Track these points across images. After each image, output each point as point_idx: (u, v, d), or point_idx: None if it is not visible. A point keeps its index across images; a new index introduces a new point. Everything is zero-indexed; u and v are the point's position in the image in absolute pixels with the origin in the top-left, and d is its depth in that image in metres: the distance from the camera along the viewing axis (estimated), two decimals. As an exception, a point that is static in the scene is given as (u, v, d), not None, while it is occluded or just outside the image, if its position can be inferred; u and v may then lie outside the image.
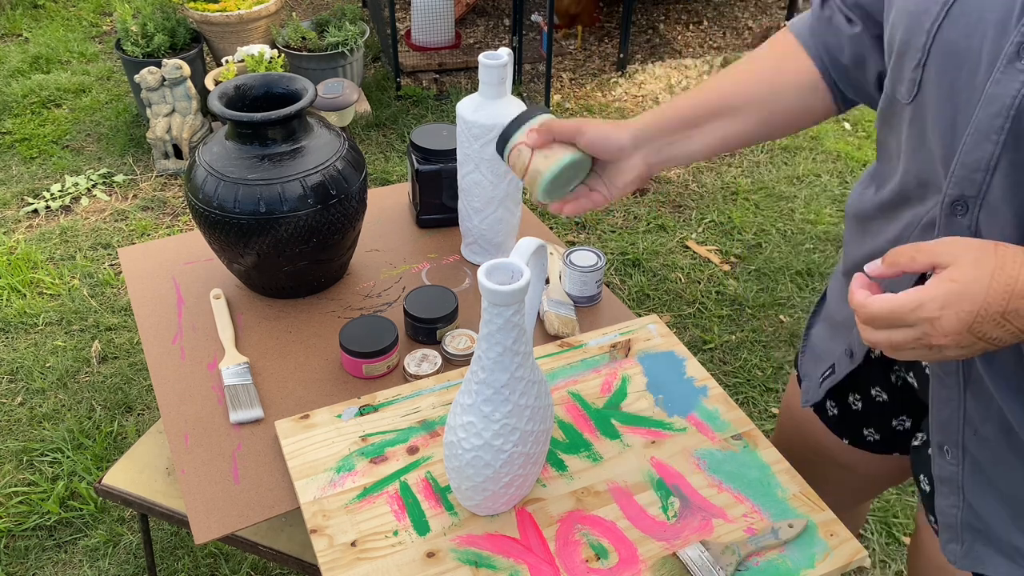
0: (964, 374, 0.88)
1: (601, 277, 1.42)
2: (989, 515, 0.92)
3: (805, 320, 2.58)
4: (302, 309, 1.42)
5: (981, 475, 0.92)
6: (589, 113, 3.63)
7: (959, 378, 0.89)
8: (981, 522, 0.93)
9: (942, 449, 0.94)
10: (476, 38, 4.23)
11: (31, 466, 2.10)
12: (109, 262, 2.77)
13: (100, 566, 1.88)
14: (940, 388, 0.92)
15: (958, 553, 0.96)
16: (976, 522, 0.94)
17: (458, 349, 1.31)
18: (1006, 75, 0.72)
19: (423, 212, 1.60)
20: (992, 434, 0.88)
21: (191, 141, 3.21)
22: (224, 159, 1.30)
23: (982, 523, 0.93)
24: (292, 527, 1.38)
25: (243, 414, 1.21)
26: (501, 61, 1.30)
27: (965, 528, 0.95)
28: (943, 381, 0.91)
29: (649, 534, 1.02)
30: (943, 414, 0.92)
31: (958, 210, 0.79)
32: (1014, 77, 0.71)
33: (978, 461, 0.91)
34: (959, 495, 0.94)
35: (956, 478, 0.94)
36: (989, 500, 0.92)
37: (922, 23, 0.79)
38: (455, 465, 0.99)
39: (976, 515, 0.93)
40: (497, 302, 0.86)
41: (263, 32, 3.63)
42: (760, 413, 2.28)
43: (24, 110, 3.62)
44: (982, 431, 0.89)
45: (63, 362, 2.38)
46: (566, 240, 2.90)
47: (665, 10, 4.58)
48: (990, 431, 0.88)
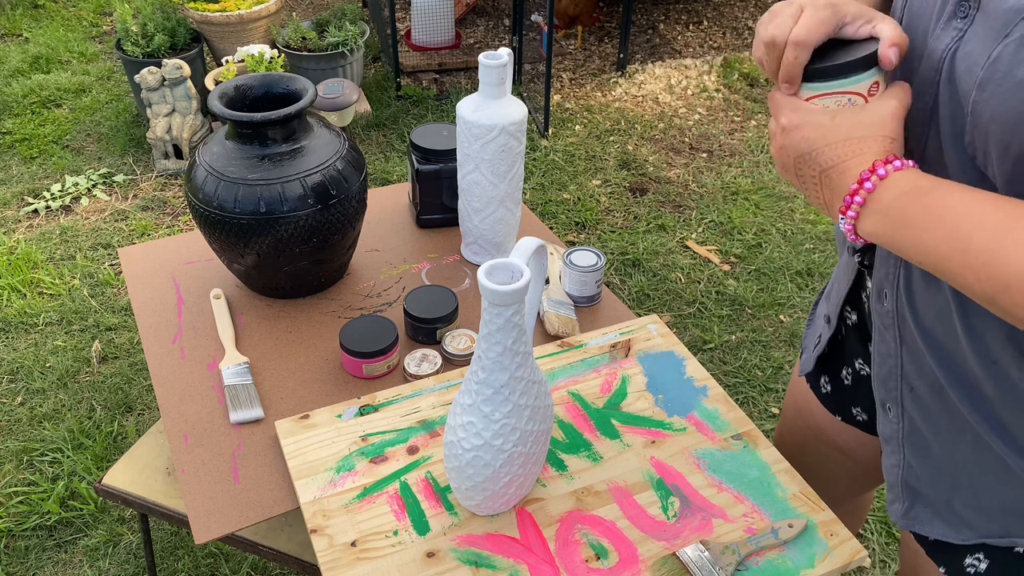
0: (899, 328, 0.90)
1: (601, 277, 1.42)
2: (928, 476, 0.94)
3: (805, 320, 2.58)
4: (302, 309, 1.42)
5: (919, 435, 0.94)
6: (589, 113, 3.63)
7: (895, 331, 0.91)
8: (920, 483, 0.95)
9: (884, 407, 0.97)
10: (476, 38, 4.23)
11: (31, 466, 2.10)
12: (109, 262, 2.77)
13: (100, 566, 1.88)
14: (880, 343, 0.94)
15: (899, 512, 0.99)
16: (915, 482, 0.96)
17: (458, 349, 1.31)
18: (944, 31, 0.74)
19: (423, 212, 1.60)
20: (925, 392, 0.90)
21: (191, 141, 3.21)
22: (224, 159, 1.30)
23: (921, 484, 0.95)
24: (292, 527, 1.38)
25: (243, 414, 1.21)
26: (501, 61, 1.30)
27: (905, 488, 0.97)
28: (883, 335, 0.94)
29: (649, 534, 1.02)
30: (883, 370, 0.95)
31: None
32: (948, 33, 0.74)
33: (915, 420, 0.93)
34: (900, 454, 0.97)
35: (897, 436, 0.96)
36: (928, 462, 0.94)
37: None
38: (455, 465, 0.99)
39: (915, 475, 0.95)
40: (497, 302, 0.86)
41: (263, 32, 3.63)
42: (760, 413, 2.28)
43: (24, 110, 3.62)
44: (917, 388, 0.91)
45: (63, 362, 2.38)
46: (566, 240, 2.90)
47: (665, 10, 4.58)
48: (923, 389, 0.90)
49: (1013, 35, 0.67)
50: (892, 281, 0.90)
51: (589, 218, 2.99)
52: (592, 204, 3.07)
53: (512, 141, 1.35)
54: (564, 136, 3.48)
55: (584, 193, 3.13)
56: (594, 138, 3.47)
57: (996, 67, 0.68)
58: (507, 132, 1.33)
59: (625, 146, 3.43)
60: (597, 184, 3.19)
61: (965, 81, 0.72)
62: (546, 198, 3.09)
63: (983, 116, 0.69)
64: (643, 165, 3.31)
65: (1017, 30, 0.67)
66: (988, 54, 0.69)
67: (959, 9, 0.73)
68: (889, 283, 0.90)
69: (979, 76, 0.70)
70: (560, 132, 3.51)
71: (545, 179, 3.21)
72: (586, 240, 2.90)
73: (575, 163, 3.31)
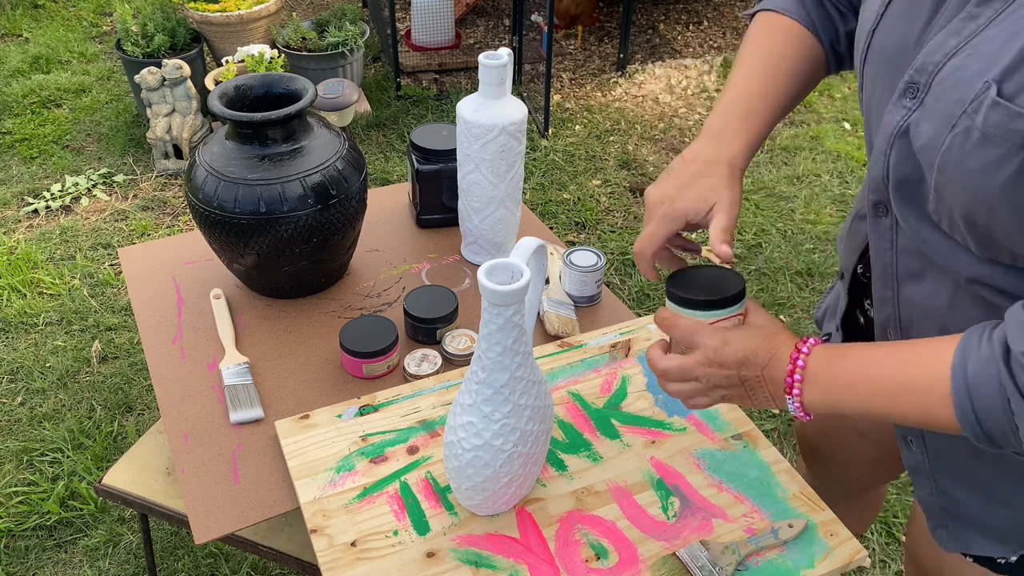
0: None
1: (601, 277, 1.42)
2: (963, 499, 0.95)
3: (805, 320, 2.58)
4: (302, 309, 1.42)
5: (945, 462, 0.95)
6: (589, 113, 3.63)
7: None
8: (958, 506, 0.96)
9: (906, 440, 0.99)
10: (476, 38, 4.23)
11: (31, 466, 2.10)
12: (109, 262, 2.77)
13: (100, 566, 1.88)
14: None
15: (945, 538, 1.00)
16: (954, 507, 0.97)
17: (458, 349, 1.31)
18: (895, 107, 0.80)
19: (423, 212, 1.60)
20: None
21: (191, 141, 3.21)
22: (224, 159, 1.30)
23: (959, 507, 0.96)
24: (292, 527, 1.38)
25: (243, 414, 1.21)
26: (501, 61, 1.30)
27: (945, 514, 0.99)
28: None
29: (649, 534, 1.02)
30: None
31: (880, 212, 0.88)
32: (898, 111, 0.80)
33: (939, 450, 0.95)
34: (931, 484, 0.98)
35: (924, 467, 0.98)
36: (959, 485, 0.95)
37: (859, 44, 0.89)
38: (455, 465, 0.99)
39: (952, 500, 0.97)
40: (497, 302, 0.86)
41: (263, 32, 3.63)
42: (760, 413, 2.28)
43: (24, 110, 3.62)
44: None
45: (63, 362, 2.38)
46: (566, 240, 2.90)
47: (665, 10, 4.58)
48: None
49: (958, 127, 0.71)
50: (894, 323, 0.93)
51: (589, 218, 2.99)
52: (592, 204, 3.07)
53: (512, 141, 1.35)
54: (564, 136, 3.48)
55: (584, 193, 3.13)
56: (594, 138, 3.47)
57: (949, 155, 0.73)
58: (507, 132, 1.33)
59: (625, 146, 3.43)
60: (597, 184, 3.19)
61: (924, 158, 0.77)
62: (546, 198, 3.09)
63: (946, 195, 0.75)
64: (643, 165, 3.31)
65: (961, 123, 0.71)
66: (942, 140, 0.73)
67: (908, 89, 0.79)
68: (892, 324, 0.94)
69: (937, 161, 0.74)
70: (560, 132, 3.51)
71: (545, 179, 3.21)
72: (586, 240, 2.90)
73: (575, 163, 3.31)
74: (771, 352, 0.86)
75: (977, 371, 0.72)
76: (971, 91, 0.71)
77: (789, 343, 0.87)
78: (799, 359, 0.85)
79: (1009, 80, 0.69)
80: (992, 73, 0.70)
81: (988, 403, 0.72)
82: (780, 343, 0.87)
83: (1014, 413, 0.70)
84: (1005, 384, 0.70)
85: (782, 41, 1.02)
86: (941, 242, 0.81)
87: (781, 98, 1.00)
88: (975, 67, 0.72)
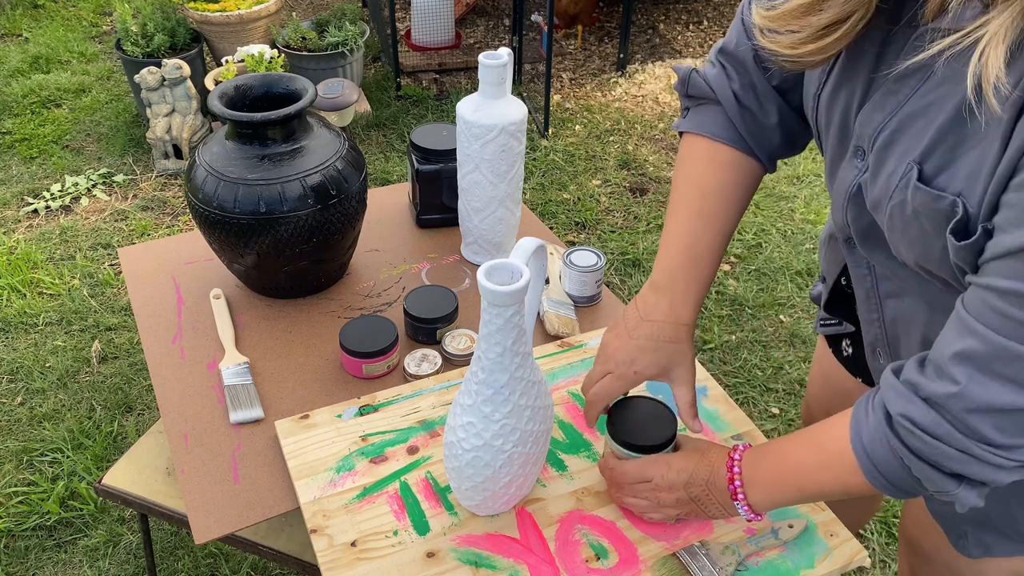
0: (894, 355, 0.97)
1: (601, 277, 1.42)
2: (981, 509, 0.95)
3: (805, 320, 2.58)
4: (302, 309, 1.42)
5: None
6: (589, 113, 3.63)
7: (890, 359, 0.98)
8: (976, 513, 0.96)
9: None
10: (476, 38, 4.23)
11: (31, 466, 2.10)
12: (109, 262, 2.77)
13: (100, 566, 1.88)
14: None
15: (968, 546, 1.00)
16: (972, 515, 0.97)
17: (458, 349, 1.31)
18: (849, 165, 0.84)
19: (423, 212, 1.60)
20: None
21: (191, 141, 3.21)
22: (224, 159, 1.30)
23: (978, 515, 0.96)
24: (292, 527, 1.38)
25: (243, 414, 1.21)
26: (501, 61, 1.30)
27: (963, 520, 0.99)
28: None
29: (649, 534, 1.02)
30: None
31: (851, 244, 0.92)
32: (851, 170, 0.84)
33: None
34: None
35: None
36: None
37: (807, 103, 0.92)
38: (455, 465, 0.99)
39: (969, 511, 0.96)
40: (497, 302, 0.86)
41: (263, 32, 3.63)
42: (760, 413, 2.28)
43: (24, 110, 3.62)
44: None
45: (63, 362, 2.38)
46: (566, 240, 2.90)
47: (665, 10, 4.58)
48: None
49: (894, 199, 0.75)
50: (882, 343, 0.96)
51: (589, 218, 2.99)
52: (592, 204, 3.07)
53: (512, 141, 1.35)
54: (564, 136, 3.48)
55: (584, 193, 3.13)
56: (594, 138, 3.47)
57: (894, 221, 0.77)
58: (507, 132, 1.33)
59: (625, 146, 3.43)
60: (597, 184, 3.19)
61: (876, 216, 0.80)
62: (546, 198, 3.09)
63: (900, 249, 0.80)
64: (643, 165, 3.31)
65: (895, 196, 0.75)
66: (885, 206, 0.77)
67: (857, 151, 0.82)
68: (881, 344, 0.97)
69: (884, 223, 0.78)
70: (560, 132, 3.51)
71: (545, 179, 3.21)
72: (586, 240, 2.90)
73: (575, 163, 3.31)
74: (709, 467, 0.94)
75: (871, 439, 0.79)
76: (900, 168, 0.74)
77: (722, 455, 0.95)
78: (734, 466, 0.92)
79: (928, 161, 0.72)
80: (914, 154, 0.73)
81: (888, 465, 0.78)
82: (714, 457, 0.95)
83: (910, 468, 0.76)
84: (894, 446, 0.77)
85: (713, 171, 1.01)
86: (910, 275, 0.85)
87: (723, 231, 1.02)
88: (901, 144, 0.75)
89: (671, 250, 1.01)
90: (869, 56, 0.80)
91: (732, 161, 1.02)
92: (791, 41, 0.78)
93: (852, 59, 0.82)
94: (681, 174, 1.04)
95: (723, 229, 1.02)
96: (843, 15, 0.74)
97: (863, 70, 0.81)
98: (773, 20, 0.79)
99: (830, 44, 0.76)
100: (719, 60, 1.00)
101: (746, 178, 1.03)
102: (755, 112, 0.99)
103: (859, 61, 0.81)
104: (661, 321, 0.99)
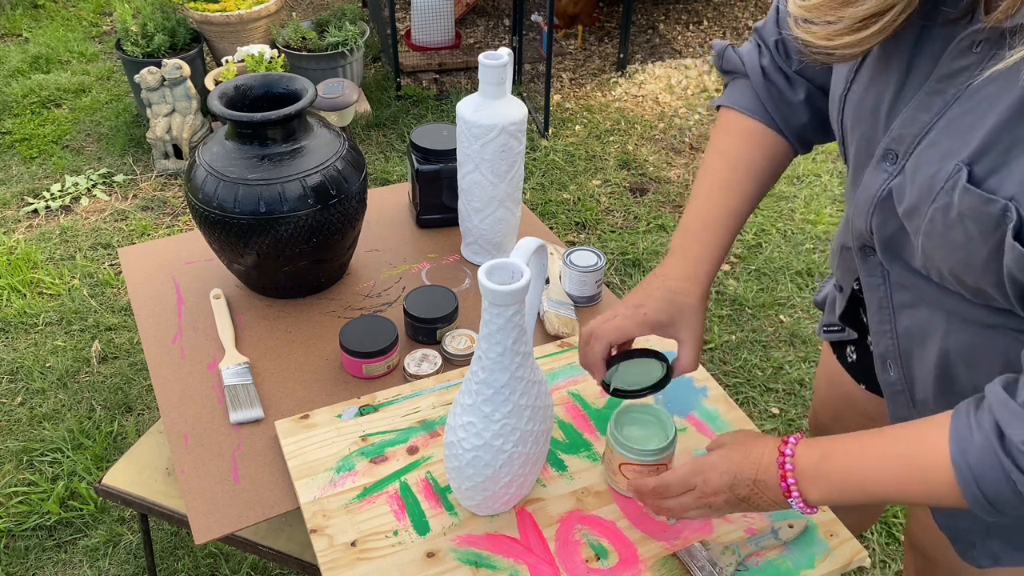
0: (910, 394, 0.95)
1: (601, 277, 1.42)
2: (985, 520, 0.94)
3: (805, 320, 2.58)
4: (302, 309, 1.42)
5: None
6: (589, 113, 3.63)
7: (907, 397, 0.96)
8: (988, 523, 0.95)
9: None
10: (476, 38, 4.23)
11: (31, 466, 2.10)
12: (109, 262, 2.77)
13: (100, 566, 1.88)
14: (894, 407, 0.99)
15: (977, 556, 0.99)
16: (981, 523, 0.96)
17: (458, 349, 1.31)
18: (876, 170, 0.82)
19: (423, 212, 1.60)
20: None
21: (191, 141, 3.21)
22: (224, 159, 1.30)
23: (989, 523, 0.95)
24: (292, 527, 1.38)
25: (243, 414, 1.21)
26: (501, 61, 1.30)
27: (973, 532, 0.98)
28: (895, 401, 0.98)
29: (649, 534, 1.02)
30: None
31: (867, 252, 0.90)
32: (879, 175, 0.82)
33: None
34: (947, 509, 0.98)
35: None
36: None
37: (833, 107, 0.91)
38: (455, 465, 0.98)
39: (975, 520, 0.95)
40: (497, 302, 0.86)
41: (263, 32, 3.63)
42: (760, 413, 2.28)
43: (24, 110, 3.62)
44: None
45: (63, 362, 2.38)
46: (566, 240, 2.90)
47: (665, 10, 4.58)
48: None
49: (938, 201, 0.73)
50: (894, 354, 0.94)
51: (589, 218, 2.99)
52: (592, 204, 3.07)
53: (512, 141, 1.35)
54: (564, 136, 3.48)
55: (584, 193, 3.13)
56: (594, 138, 3.47)
57: (933, 226, 0.74)
58: (507, 132, 1.33)
59: (625, 146, 3.43)
60: (597, 184, 3.19)
61: (909, 223, 0.78)
62: (546, 198, 3.09)
63: (935, 257, 0.77)
64: (643, 165, 3.31)
65: (940, 198, 0.73)
66: (925, 210, 0.75)
67: (887, 155, 0.80)
68: (892, 356, 0.94)
69: (922, 228, 0.76)
70: (560, 132, 3.51)
71: (545, 179, 3.21)
72: (586, 240, 2.90)
73: (575, 163, 3.31)
74: (755, 464, 0.88)
75: (979, 459, 0.74)
76: (945, 170, 0.73)
77: (770, 449, 0.88)
78: (785, 463, 0.86)
79: (978, 163, 0.70)
80: (963, 155, 0.71)
81: (994, 486, 0.74)
82: (760, 452, 0.89)
83: (1023, 493, 0.74)
84: (1008, 468, 0.73)
85: (739, 143, 1.04)
86: (930, 286, 0.84)
87: (742, 200, 1.02)
88: (947, 145, 0.73)
89: (688, 216, 1.03)
90: (902, 56, 0.78)
91: (756, 133, 1.03)
92: (827, 32, 0.76)
93: (883, 58, 0.81)
94: (709, 145, 1.07)
95: (742, 198, 1.01)
96: (883, 7, 0.72)
97: (895, 71, 0.79)
98: (809, 10, 0.77)
99: (868, 37, 0.74)
100: (754, 37, 1.03)
101: (769, 152, 1.03)
102: (781, 88, 1.01)
103: (891, 61, 0.80)
104: (675, 279, 0.99)
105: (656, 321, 0.97)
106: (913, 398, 0.95)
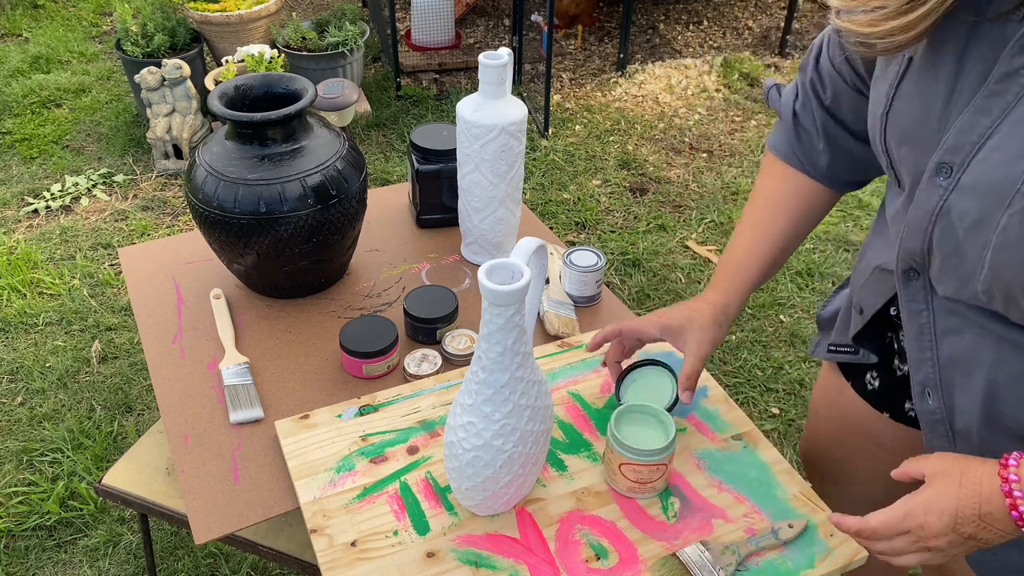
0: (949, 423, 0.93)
1: (601, 277, 1.42)
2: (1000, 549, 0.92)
3: (805, 320, 2.58)
4: (302, 309, 1.42)
5: None
6: (589, 113, 3.63)
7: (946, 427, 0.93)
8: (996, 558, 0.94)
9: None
10: (476, 38, 4.23)
11: (31, 466, 2.10)
12: (109, 262, 2.77)
13: (100, 566, 1.88)
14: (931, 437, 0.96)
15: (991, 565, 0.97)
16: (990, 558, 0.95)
17: (458, 349, 1.31)
18: (930, 185, 0.80)
19: (423, 212, 1.60)
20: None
21: (191, 141, 3.21)
22: (224, 159, 1.30)
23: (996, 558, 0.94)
24: (292, 527, 1.38)
25: (243, 414, 1.21)
26: (501, 61, 1.30)
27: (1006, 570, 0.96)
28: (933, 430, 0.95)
29: (649, 534, 1.02)
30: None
31: (911, 276, 0.88)
32: (934, 190, 0.80)
33: None
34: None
35: None
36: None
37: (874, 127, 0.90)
38: (455, 465, 0.99)
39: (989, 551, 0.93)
40: (497, 302, 0.86)
41: (263, 32, 3.63)
42: (760, 413, 2.28)
43: (24, 110, 3.62)
44: None
45: (63, 362, 2.38)
46: (566, 240, 2.90)
47: (665, 10, 4.58)
48: None
49: (1014, 206, 0.70)
50: (934, 383, 0.91)
51: (589, 218, 2.99)
52: (592, 204, 3.07)
53: (512, 141, 1.35)
54: (564, 136, 3.48)
55: (584, 193, 3.13)
56: (594, 138, 3.47)
57: (1007, 235, 0.72)
58: (507, 132, 1.33)
59: (625, 146, 3.43)
60: (597, 184, 3.19)
61: (974, 237, 0.76)
62: (546, 198, 3.09)
63: (1005, 273, 0.74)
64: (643, 165, 3.31)
65: (1016, 202, 0.70)
66: (995, 221, 0.72)
67: (941, 169, 0.78)
68: (932, 384, 0.91)
69: (992, 240, 0.73)
70: (560, 132, 3.51)
71: (545, 179, 3.21)
72: (586, 240, 2.90)
73: (575, 163, 3.31)
74: (975, 496, 0.79)
75: None
76: (1017, 170, 0.70)
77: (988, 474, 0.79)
78: (1013, 490, 0.77)
79: None
80: None
81: None
82: (977, 480, 0.80)
83: None
84: None
85: (773, 184, 1.11)
86: (980, 313, 0.82)
87: (774, 239, 1.10)
88: (1016, 146, 0.71)
89: (725, 250, 1.14)
90: (949, 63, 0.77)
91: (788, 176, 1.10)
92: (871, 19, 0.75)
93: (929, 68, 0.79)
94: (756, 184, 1.15)
95: (774, 237, 1.09)
96: None
97: (943, 80, 0.77)
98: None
99: (915, 20, 0.72)
100: (798, 76, 1.08)
101: (800, 193, 1.09)
102: (811, 132, 1.06)
103: (938, 71, 0.78)
104: (698, 299, 1.11)
105: (667, 325, 1.08)
106: (952, 428, 0.92)
